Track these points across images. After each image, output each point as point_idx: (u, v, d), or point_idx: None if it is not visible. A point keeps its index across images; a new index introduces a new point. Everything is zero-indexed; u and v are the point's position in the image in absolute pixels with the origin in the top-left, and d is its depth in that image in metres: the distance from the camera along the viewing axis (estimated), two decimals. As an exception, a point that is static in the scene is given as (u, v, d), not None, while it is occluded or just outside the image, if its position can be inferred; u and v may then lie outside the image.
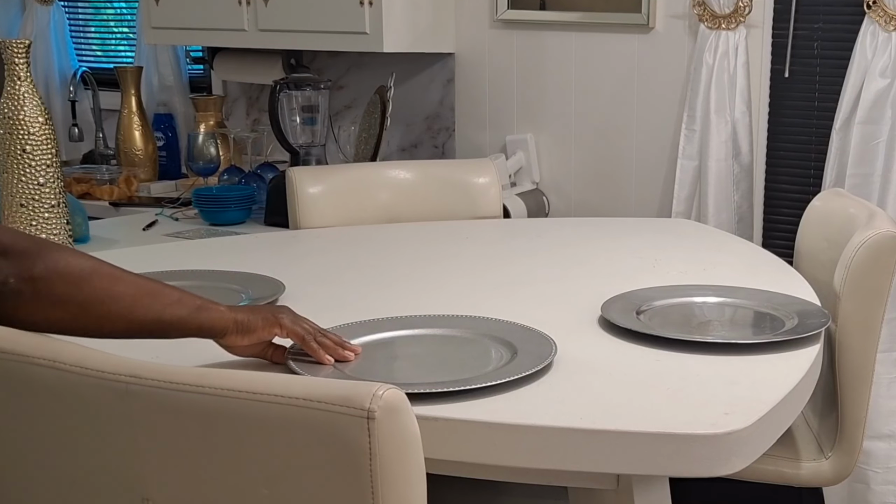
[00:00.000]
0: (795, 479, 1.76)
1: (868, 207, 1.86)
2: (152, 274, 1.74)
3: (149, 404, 0.99)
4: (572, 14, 2.91)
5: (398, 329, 1.44)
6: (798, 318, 1.49)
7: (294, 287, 1.67)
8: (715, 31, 2.66)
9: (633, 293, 1.60)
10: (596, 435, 1.14)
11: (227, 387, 0.96)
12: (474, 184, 2.40)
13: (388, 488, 0.93)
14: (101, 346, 1.07)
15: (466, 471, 1.22)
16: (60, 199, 2.19)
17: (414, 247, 2.05)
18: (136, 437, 1.01)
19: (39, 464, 1.08)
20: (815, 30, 2.66)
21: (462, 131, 3.21)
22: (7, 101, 2.14)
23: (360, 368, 1.31)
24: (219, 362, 1.35)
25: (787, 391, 1.25)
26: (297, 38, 3.10)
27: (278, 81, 3.03)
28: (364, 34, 2.94)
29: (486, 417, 1.17)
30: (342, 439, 0.92)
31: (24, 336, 1.10)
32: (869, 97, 2.48)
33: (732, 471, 1.15)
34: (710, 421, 1.15)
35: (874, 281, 1.70)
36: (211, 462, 0.99)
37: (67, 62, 4.07)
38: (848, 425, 1.75)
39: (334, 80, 3.35)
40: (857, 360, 1.73)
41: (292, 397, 0.93)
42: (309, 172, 2.37)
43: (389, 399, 0.92)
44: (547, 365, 1.29)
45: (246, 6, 3.14)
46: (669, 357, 1.36)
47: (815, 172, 2.68)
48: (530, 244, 2.06)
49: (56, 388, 1.04)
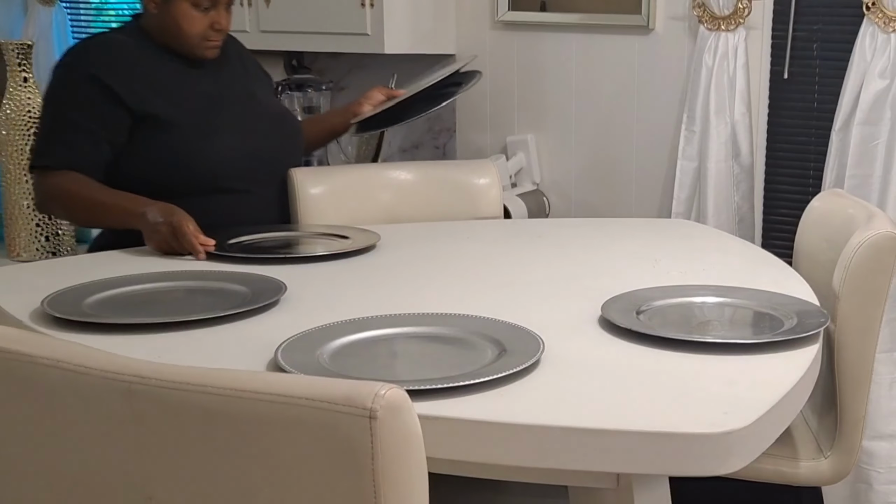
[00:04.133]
0: (794, 478, 1.76)
1: (867, 208, 1.87)
2: (154, 275, 1.75)
3: (152, 404, 0.99)
4: (572, 15, 2.91)
5: (385, 328, 1.45)
6: (797, 318, 1.49)
7: (295, 287, 1.67)
8: (714, 33, 2.67)
9: (633, 293, 1.60)
10: (596, 434, 1.15)
11: (230, 386, 0.95)
12: (475, 184, 2.41)
13: (390, 487, 0.93)
14: (105, 347, 1.07)
15: (467, 470, 1.22)
16: (63, 200, 2.19)
17: (414, 247, 2.05)
18: (139, 436, 1.01)
19: (42, 463, 1.08)
20: (815, 31, 2.66)
21: (463, 132, 3.21)
22: (9, 103, 2.15)
23: (358, 366, 1.32)
24: (221, 362, 1.36)
25: (786, 391, 1.25)
26: (299, 40, 3.11)
27: (280, 82, 3.03)
28: (365, 35, 2.95)
29: (486, 416, 1.17)
30: (344, 439, 0.92)
31: (28, 336, 1.10)
32: (868, 98, 2.48)
33: (732, 470, 1.16)
34: (710, 420, 1.15)
35: (873, 281, 1.70)
36: (213, 461, 0.99)
37: (69, 63, 4.06)
38: (847, 425, 1.75)
39: (335, 81, 3.35)
40: (856, 359, 1.73)
41: (295, 397, 0.93)
42: (311, 173, 2.38)
43: (392, 398, 0.91)
44: (536, 362, 1.30)
45: (247, 7, 3.15)
46: (669, 357, 1.36)
47: (814, 173, 2.69)
48: (531, 244, 2.06)
49: (59, 388, 1.04)
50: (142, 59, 2.12)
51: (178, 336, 1.46)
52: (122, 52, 2.12)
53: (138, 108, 2.07)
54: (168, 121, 2.08)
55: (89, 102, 2.05)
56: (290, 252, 2.01)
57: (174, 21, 2.11)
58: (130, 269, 1.78)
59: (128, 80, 2.07)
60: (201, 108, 2.14)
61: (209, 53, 2.16)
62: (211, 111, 2.15)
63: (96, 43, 2.14)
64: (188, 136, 2.09)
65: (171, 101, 2.11)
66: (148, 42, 2.15)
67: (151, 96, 2.09)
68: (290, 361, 1.29)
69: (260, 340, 1.41)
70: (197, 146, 2.09)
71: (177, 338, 1.45)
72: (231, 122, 2.17)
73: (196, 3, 2.09)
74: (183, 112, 2.11)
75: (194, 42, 2.13)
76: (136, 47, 2.14)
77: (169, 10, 2.10)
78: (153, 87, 2.11)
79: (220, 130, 2.14)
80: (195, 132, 2.10)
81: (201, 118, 2.13)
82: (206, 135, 2.11)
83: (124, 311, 1.58)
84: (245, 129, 2.18)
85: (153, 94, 2.10)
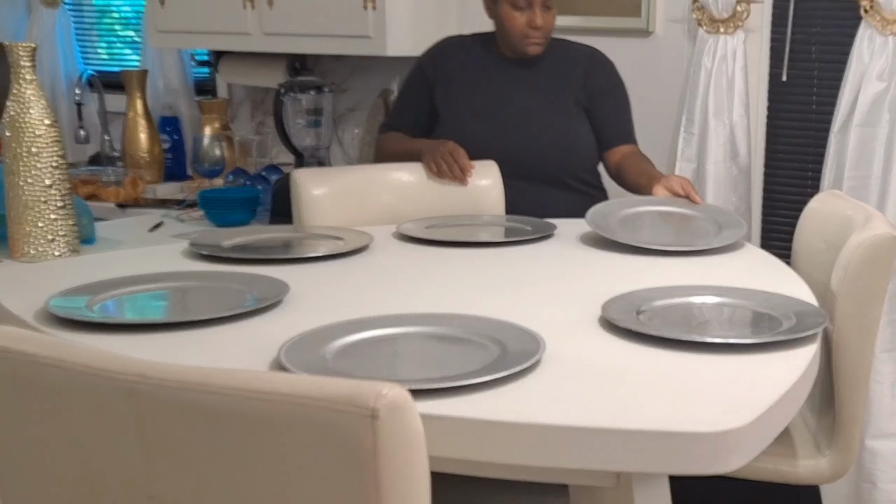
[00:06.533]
0: (793, 476, 1.77)
1: (865, 209, 1.87)
2: (157, 275, 1.76)
3: (154, 403, 0.99)
4: (573, 18, 2.92)
5: (387, 327, 1.45)
6: (796, 318, 1.49)
7: (297, 287, 1.68)
8: (713, 36, 2.68)
9: (633, 293, 1.61)
10: (596, 433, 1.15)
11: (233, 386, 0.95)
12: (477, 185, 2.41)
13: (392, 487, 0.93)
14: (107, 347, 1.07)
15: (468, 468, 1.22)
16: (67, 201, 2.20)
17: (416, 247, 2.05)
18: (141, 435, 1.01)
19: (45, 463, 1.08)
20: (813, 34, 2.67)
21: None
22: (13, 104, 2.15)
23: (361, 366, 1.33)
24: (224, 362, 1.37)
25: (785, 390, 1.25)
26: (302, 42, 3.11)
27: (283, 84, 3.04)
28: (367, 38, 2.95)
29: (487, 416, 1.17)
30: (346, 438, 0.92)
31: (31, 335, 1.10)
32: (866, 100, 2.49)
33: (731, 469, 1.16)
34: (709, 419, 1.16)
35: (871, 282, 1.71)
36: (216, 460, 0.99)
37: (73, 65, 4.07)
38: (845, 424, 1.76)
39: (338, 83, 3.35)
40: (854, 359, 1.74)
41: (297, 396, 0.93)
42: (313, 174, 2.38)
43: (394, 398, 0.92)
44: (536, 362, 1.30)
45: (251, 10, 3.15)
46: (669, 357, 1.37)
47: (812, 175, 2.70)
48: (531, 245, 2.07)
49: (62, 388, 1.04)
50: (463, 58, 2.57)
51: (181, 336, 1.46)
52: (449, 50, 2.61)
53: (439, 98, 2.55)
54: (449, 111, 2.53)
55: (413, 86, 2.63)
56: (289, 253, 2.02)
57: (500, 22, 2.48)
58: (133, 270, 1.78)
59: (441, 75, 2.56)
60: (484, 105, 2.52)
61: (530, 50, 2.48)
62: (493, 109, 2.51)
63: (441, 41, 2.65)
64: (451, 126, 2.51)
65: (460, 95, 2.53)
66: (486, 43, 2.57)
67: (452, 89, 2.54)
68: (292, 361, 1.29)
69: (263, 340, 1.41)
70: (458, 136, 2.45)
71: (180, 337, 1.45)
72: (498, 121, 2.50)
73: (514, 4, 2.43)
74: (464, 105, 2.52)
75: (516, 39, 2.47)
76: (468, 47, 2.59)
77: (497, 12, 2.49)
78: (459, 81, 2.54)
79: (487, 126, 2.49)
80: (456, 122, 2.51)
81: (477, 113, 2.51)
82: (467, 127, 2.49)
83: (127, 310, 1.59)
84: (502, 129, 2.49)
85: (456, 87, 2.54)
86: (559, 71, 2.56)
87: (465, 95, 2.55)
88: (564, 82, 2.55)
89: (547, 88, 2.55)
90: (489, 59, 2.56)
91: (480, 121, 2.52)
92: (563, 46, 2.59)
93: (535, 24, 2.44)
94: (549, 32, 2.48)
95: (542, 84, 2.55)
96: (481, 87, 2.55)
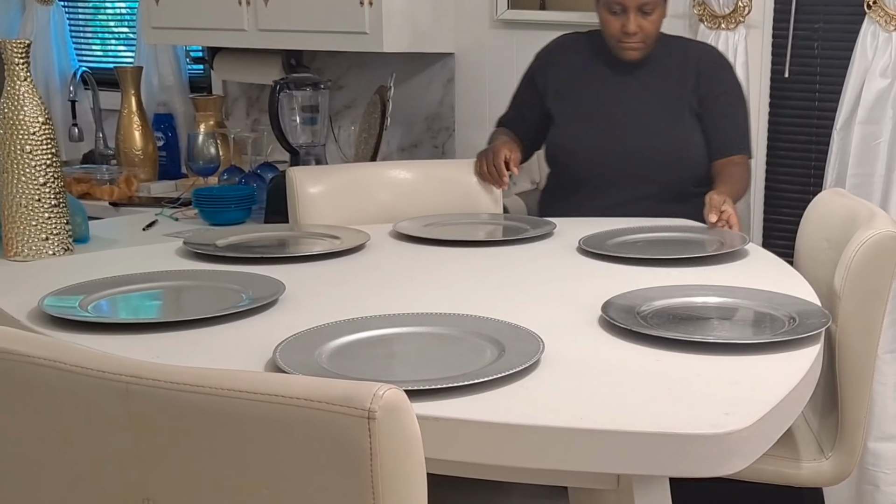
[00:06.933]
0: (796, 479, 1.76)
1: (868, 207, 1.86)
2: (151, 274, 1.75)
3: (149, 404, 0.99)
4: (572, 14, 2.91)
5: (384, 328, 1.45)
6: (798, 318, 1.49)
7: (294, 287, 1.67)
8: (715, 31, 2.67)
9: (633, 293, 1.60)
10: (596, 435, 1.14)
11: (228, 387, 0.95)
12: (474, 184, 2.41)
13: (389, 488, 0.93)
14: (102, 347, 1.07)
15: (466, 470, 1.22)
16: (61, 199, 2.19)
17: (413, 246, 2.05)
18: (136, 437, 1.01)
19: (40, 464, 1.08)
20: (816, 30, 2.66)
21: (462, 131, 3.21)
22: (7, 101, 2.14)
23: (357, 366, 1.32)
24: (219, 362, 1.36)
25: (788, 391, 1.25)
26: (297, 38, 3.11)
27: (278, 81, 3.03)
28: (364, 34, 2.94)
29: (485, 417, 1.17)
30: (343, 439, 0.92)
31: (25, 335, 1.10)
32: (869, 97, 2.48)
33: (733, 471, 1.15)
34: (711, 421, 1.15)
35: (874, 281, 1.70)
36: (211, 462, 0.98)
37: (67, 62, 4.07)
38: (848, 425, 1.75)
39: (334, 79, 3.35)
40: (858, 360, 1.73)
41: (293, 397, 0.93)
42: (309, 172, 2.38)
43: (390, 399, 0.91)
44: (536, 362, 1.29)
45: (246, 6, 3.14)
46: (669, 357, 1.36)
47: (815, 172, 2.69)
48: (530, 244, 2.06)
49: (56, 388, 1.04)
50: (570, 60, 2.56)
51: (176, 336, 1.45)
52: (556, 52, 2.60)
53: (551, 102, 2.54)
54: (561, 115, 2.53)
55: (523, 86, 2.64)
56: (285, 252, 2.01)
57: (601, 26, 2.46)
58: (127, 269, 1.77)
59: (552, 76, 2.56)
60: (594, 110, 2.49)
61: (626, 55, 2.44)
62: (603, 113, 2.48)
63: (554, 41, 2.63)
64: (563, 131, 2.52)
65: (568, 98, 2.52)
66: (598, 43, 2.50)
67: (563, 92, 2.53)
68: (288, 361, 1.29)
69: (258, 340, 1.41)
70: (560, 140, 2.52)
71: (175, 338, 1.45)
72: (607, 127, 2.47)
73: (610, 9, 2.40)
74: (570, 108, 2.52)
75: (613, 43, 2.44)
76: (580, 47, 2.56)
77: (599, 15, 2.46)
78: (566, 84, 2.54)
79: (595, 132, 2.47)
80: (566, 128, 2.51)
81: (587, 118, 2.49)
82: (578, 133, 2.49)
83: (121, 310, 1.58)
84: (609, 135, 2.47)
85: (567, 90, 2.53)
86: (670, 72, 2.48)
87: (576, 99, 2.53)
88: (675, 84, 2.47)
89: (657, 91, 2.48)
90: (600, 59, 2.52)
91: (590, 126, 2.49)
92: (676, 45, 2.52)
93: (628, 30, 2.38)
94: (647, 37, 2.41)
95: (652, 87, 2.48)
96: (591, 91, 2.52)
